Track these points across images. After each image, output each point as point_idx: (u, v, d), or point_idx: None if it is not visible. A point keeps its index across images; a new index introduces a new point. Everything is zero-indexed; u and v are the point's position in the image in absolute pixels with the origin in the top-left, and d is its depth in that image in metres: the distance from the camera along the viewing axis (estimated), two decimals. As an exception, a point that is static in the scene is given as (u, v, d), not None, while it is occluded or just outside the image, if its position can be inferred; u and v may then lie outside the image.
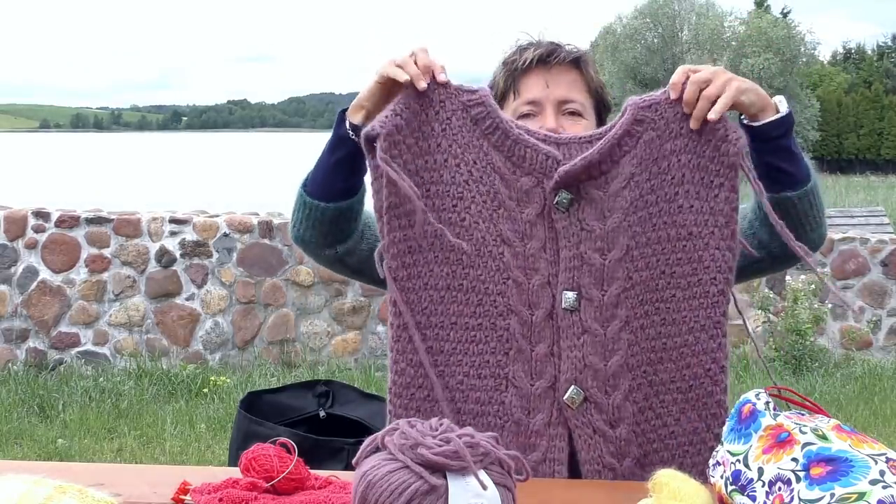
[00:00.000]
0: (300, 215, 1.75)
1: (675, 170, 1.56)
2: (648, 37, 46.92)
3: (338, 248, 1.76)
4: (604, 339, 1.57)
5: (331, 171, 1.71)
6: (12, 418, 5.44)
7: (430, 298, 1.59)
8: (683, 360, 1.58)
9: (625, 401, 1.58)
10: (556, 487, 1.52)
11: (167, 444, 5.07)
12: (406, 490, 1.11)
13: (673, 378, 1.58)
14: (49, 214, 6.67)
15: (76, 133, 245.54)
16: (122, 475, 1.64)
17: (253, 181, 37.35)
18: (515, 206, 1.58)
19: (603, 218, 1.57)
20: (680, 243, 1.57)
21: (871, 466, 1.14)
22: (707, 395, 1.57)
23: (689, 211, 1.56)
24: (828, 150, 52.46)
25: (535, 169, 1.57)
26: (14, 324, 6.62)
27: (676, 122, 1.56)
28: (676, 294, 1.57)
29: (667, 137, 1.57)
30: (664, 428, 1.59)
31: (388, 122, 1.55)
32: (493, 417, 1.59)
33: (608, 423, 1.58)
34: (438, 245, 1.58)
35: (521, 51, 1.81)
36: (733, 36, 45.88)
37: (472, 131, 1.59)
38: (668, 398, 1.59)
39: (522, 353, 1.58)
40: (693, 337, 1.57)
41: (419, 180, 1.57)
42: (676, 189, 1.56)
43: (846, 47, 72.46)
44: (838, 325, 7.53)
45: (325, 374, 6.44)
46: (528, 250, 1.57)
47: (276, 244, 6.75)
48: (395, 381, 1.60)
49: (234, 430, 2.18)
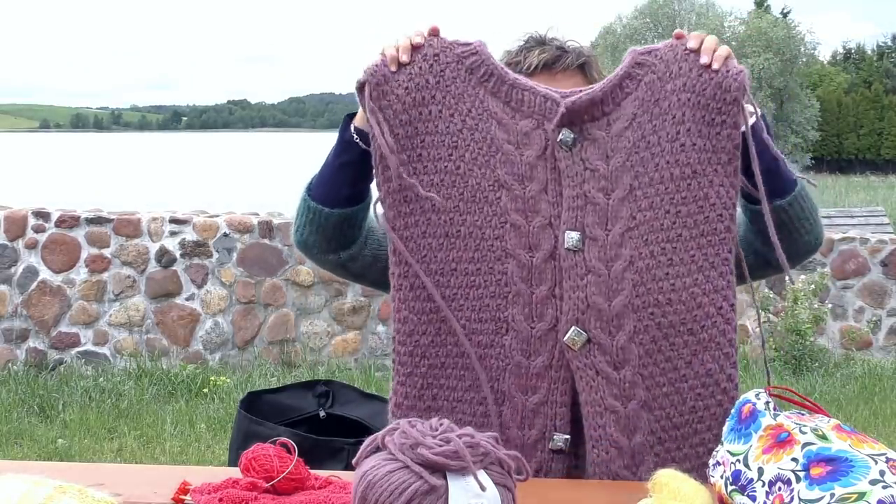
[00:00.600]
0: (303, 220, 1.74)
1: (676, 109, 1.56)
2: (648, 37, 46.90)
3: (341, 253, 1.76)
4: (608, 279, 1.56)
5: (336, 177, 1.71)
6: (12, 418, 5.44)
7: (428, 246, 1.61)
8: (694, 300, 1.56)
9: (629, 342, 1.56)
10: (556, 487, 1.52)
11: (167, 444, 5.07)
12: (406, 490, 1.11)
13: (683, 320, 1.56)
14: (49, 214, 6.67)
15: (76, 133, 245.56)
16: (122, 475, 1.65)
17: (253, 181, 37.37)
18: (514, 150, 1.59)
19: (606, 158, 1.58)
20: (684, 182, 1.56)
21: (871, 466, 1.14)
22: (720, 335, 1.56)
23: (692, 149, 1.56)
24: (828, 150, 52.47)
25: (535, 111, 1.59)
26: (14, 324, 6.62)
27: (676, 63, 1.57)
28: (683, 233, 1.56)
29: (667, 79, 1.58)
30: (674, 371, 1.57)
31: (377, 71, 1.59)
32: (495, 360, 1.60)
33: (611, 365, 1.57)
34: (434, 194, 1.60)
35: (526, 52, 1.81)
36: (733, 36, 45.88)
37: (466, 81, 1.61)
38: (678, 340, 1.56)
39: (521, 296, 1.59)
40: (703, 276, 1.56)
41: (412, 130, 1.60)
42: (678, 128, 1.56)
43: (846, 47, 72.48)
44: (838, 325, 7.53)
45: (325, 374, 6.44)
46: (527, 192, 1.59)
47: (276, 244, 6.75)
48: (398, 330, 1.62)
49: (234, 430, 2.18)
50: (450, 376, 1.62)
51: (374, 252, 1.77)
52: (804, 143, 46.12)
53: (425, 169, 1.60)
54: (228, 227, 6.74)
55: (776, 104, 44.41)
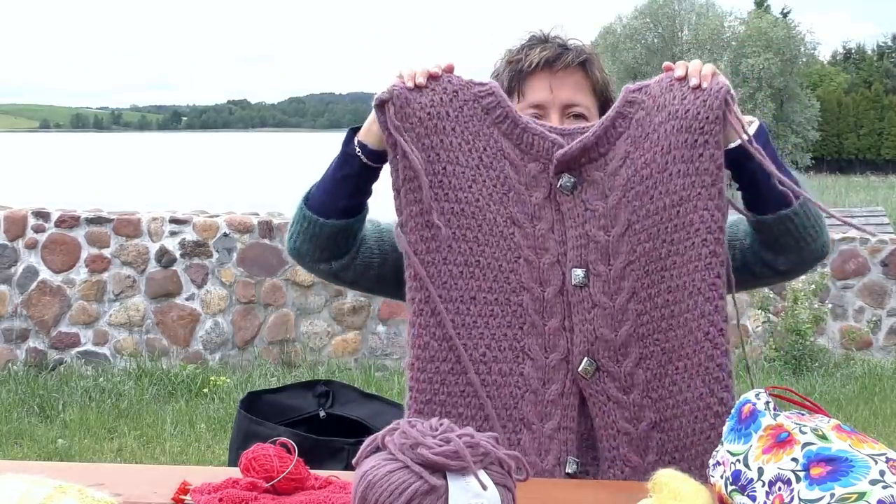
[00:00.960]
0: (298, 228, 1.75)
1: (664, 139, 1.60)
2: (648, 37, 46.96)
3: (333, 263, 1.77)
4: (613, 311, 1.62)
5: (334, 189, 1.72)
6: (12, 418, 5.44)
7: (449, 273, 1.64)
8: (687, 325, 1.60)
9: (636, 368, 1.62)
10: (556, 487, 1.53)
11: (167, 444, 5.07)
12: (406, 490, 1.11)
13: (682, 344, 1.61)
14: (49, 214, 6.67)
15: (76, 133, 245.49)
16: (122, 475, 1.65)
17: (253, 181, 37.36)
18: (525, 190, 1.65)
19: (604, 197, 1.63)
20: (674, 209, 1.60)
21: (871, 466, 1.14)
22: (708, 360, 1.59)
23: (678, 175, 1.59)
24: (828, 150, 52.45)
25: (542, 155, 1.65)
26: (14, 324, 6.62)
27: (662, 95, 1.61)
28: (676, 260, 1.61)
29: (655, 112, 1.62)
30: (679, 394, 1.62)
31: (401, 91, 1.61)
32: (514, 388, 1.64)
33: (621, 390, 1.62)
34: (455, 222, 1.63)
35: (527, 50, 1.81)
36: (733, 36, 45.90)
37: (482, 120, 1.66)
38: (680, 364, 1.61)
39: (536, 328, 1.64)
40: (692, 301, 1.60)
41: (435, 157, 1.63)
42: (666, 157, 1.60)
43: (846, 47, 72.46)
44: (838, 325, 7.53)
45: (325, 374, 6.44)
46: (537, 231, 1.64)
47: (276, 244, 6.75)
48: (417, 356, 1.64)
49: (234, 430, 2.18)
50: (469, 405, 1.65)
51: (365, 260, 1.78)
52: (804, 143, 46.10)
53: (446, 196, 1.64)
54: (228, 227, 6.74)
55: (776, 104, 44.39)
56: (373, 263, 1.78)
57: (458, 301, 1.64)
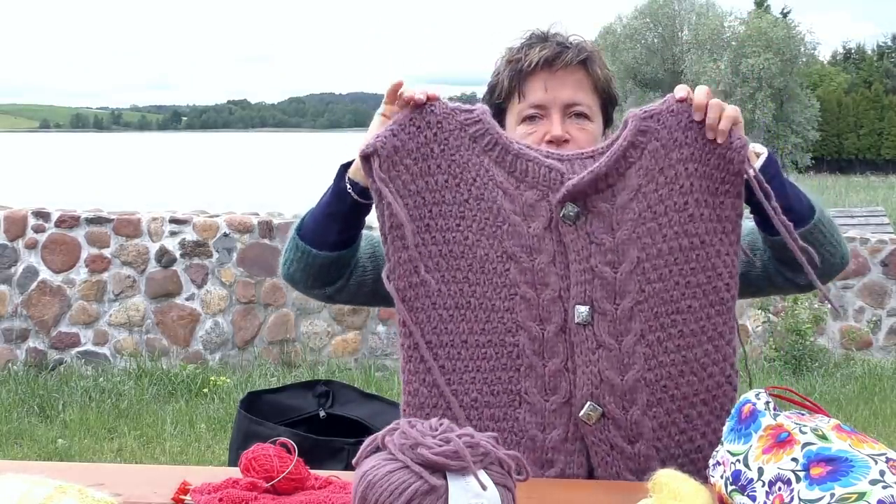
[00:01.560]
0: (292, 256, 1.75)
1: (684, 179, 1.56)
2: (648, 37, 46.96)
3: (327, 289, 1.78)
4: (619, 354, 1.55)
5: (326, 223, 1.71)
6: (12, 418, 5.44)
7: (438, 317, 1.58)
8: (705, 370, 1.56)
9: (643, 416, 1.56)
10: (556, 487, 1.52)
11: (167, 444, 5.07)
12: (406, 490, 1.11)
13: (696, 391, 1.56)
14: (49, 214, 6.67)
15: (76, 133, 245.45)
16: (122, 475, 1.64)
17: (253, 181, 37.36)
18: (521, 221, 1.57)
19: (612, 231, 1.56)
20: (693, 252, 1.56)
21: (871, 466, 1.14)
22: (731, 402, 1.55)
23: (700, 219, 1.56)
24: (828, 150, 52.44)
25: (539, 182, 1.57)
26: (14, 324, 6.62)
27: (681, 132, 1.56)
28: (693, 304, 1.56)
29: (672, 147, 1.56)
30: (689, 443, 1.57)
31: (387, 142, 1.56)
32: (509, 434, 1.58)
33: (626, 440, 1.56)
34: (444, 264, 1.58)
35: (527, 49, 1.78)
36: (733, 36, 45.88)
37: (470, 149, 1.59)
38: (692, 412, 1.56)
39: (534, 370, 1.57)
40: (712, 345, 1.56)
41: (421, 201, 1.57)
42: (686, 198, 1.56)
43: (846, 47, 72.45)
44: (838, 325, 7.53)
45: (325, 374, 6.44)
46: (536, 265, 1.56)
47: (276, 244, 6.75)
48: (408, 403, 1.60)
49: (234, 430, 2.18)
50: None
51: (359, 280, 1.77)
52: (804, 143, 46.09)
53: (433, 240, 1.58)
54: (228, 227, 6.74)
55: (776, 104, 44.39)
56: (366, 281, 1.77)
57: (449, 345, 1.58)
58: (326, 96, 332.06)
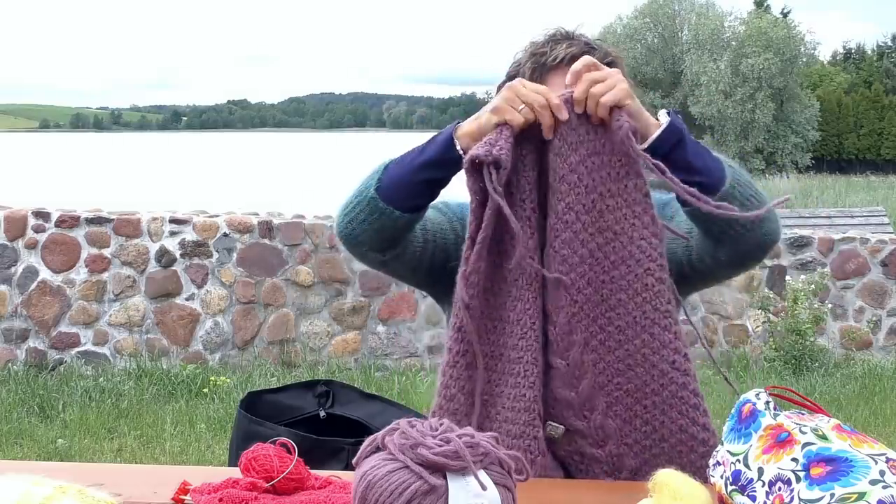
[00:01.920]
0: (362, 216, 1.67)
1: (586, 178, 1.55)
2: (648, 37, 46.93)
3: (387, 253, 1.73)
4: (568, 370, 1.57)
5: (420, 186, 1.66)
6: (12, 418, 5.44)
7: (484, 328, 1.60)
8: (647, 360, 1.55)
9: (605, 419, 1.57)
10: (556, 487, 1.52)
11: (167, 444, 5.07)
12: (406, 490, 1.11)
13: (645, 381, 1.56)
14: (49, 214, 6.66)
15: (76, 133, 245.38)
16: (122, 475, 1.65)
17: (253, 181, 37.35)
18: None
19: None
20: (609, 246, 1.55)
21: (871, 466, 1.14)
22: (681, 389, 1.54)
23: (609, 211, 1.55)
24: (828, 150, 52.42)
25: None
26: (14, 324, 6.62)
27: (573, 131, 1.56)
28: (622, 297, 1.55)
29: (568, 152, 1.56)
30: (655, 433, 1.57)
31: (508, 155, 1.53)
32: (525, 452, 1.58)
33: (595, 445, 1.58)
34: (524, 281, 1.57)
35: (553, 44, 1.77)
36: (733, 36, 45.88)
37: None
38: (648, 402, 1.56)
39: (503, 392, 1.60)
40: (648, 335, 1.55)
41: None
42: (592, 196, 1.55)
43: (846, 47, 72.40)
44: (838, 325, 7.53)
45: (325, 374, 6.44)
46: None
47: (276, 244, 6.75)
48: (441, 406, 1.60)
49: (234, 430, 2.18)
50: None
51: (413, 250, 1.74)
52: (804, 143, 46.07)
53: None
54: (228, 227, 6.74)
55: (776, 104, 44.39)
56: (415, 253, 1.75)
57: (488, 357, 1.59)
58: (326, 96, 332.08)
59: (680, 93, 44.73)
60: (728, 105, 42.97)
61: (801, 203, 27.36)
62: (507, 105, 1.57)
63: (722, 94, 42.97)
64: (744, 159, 43.35)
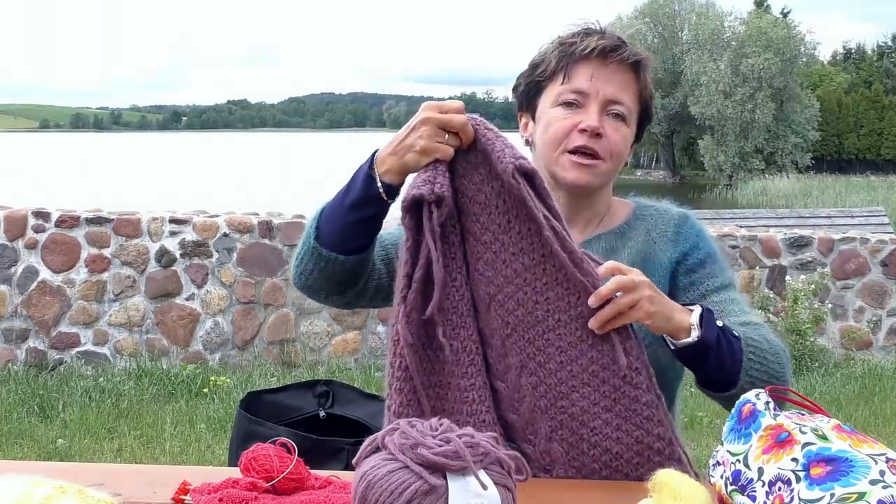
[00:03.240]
0: (311, 266, 1.66)
1: (495, 198, 1.51)
2: (648, 37, 46.95)
3: (347, 293, 1.72)
4: (508, 392, 1.54)
5: (355, 227, 1.62)
6: (12, 418, 5.44)
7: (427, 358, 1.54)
8: (597, 377, 1.50)
9: (549, 443, 1.53)
10: (556, 487, 1.52)
11: (167, 444, 5.07)
12: (406, 490, 1.11)
13: (595, 401, 1.50)
14: (49, 214, 6.66)
15: (76, 133, 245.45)
16: (122, 475, 1.64)
17: (253, 181, 37.35)
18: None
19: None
20: (539, 268, 1.50)
21: (871, 466, 1.14)
22: (633, 402, 1.49)
23: (529, 234, 1.50)
24: (828, 150, 52.43)
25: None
26: (14, 324, 6.62)
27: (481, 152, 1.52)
28: (562, 318, 1.50)
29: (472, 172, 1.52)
30: (607, 453, 1.52)
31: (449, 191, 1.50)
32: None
33: (542, 469, 1.54)
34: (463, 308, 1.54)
35: (584, 35, 1.74)
36: (733, 36, 45.92)
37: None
38: (597, 423, 1.50)
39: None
40: (596, 351, 1.49)
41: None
42: (506, 216, 1.50)
43: (846, 47, 72.41)
44: (838, 325, 7.53)
45: (325, 374, 6.44)
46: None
47: (276, 244, 6.75)
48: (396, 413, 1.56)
49: (234, 430, 2.18)
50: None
51: (375, 283, 1.73)
52: (804, 143, 46.10)
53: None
54: (228, 227, 6.74)
55: (776, 104, 44.40)
56: (382, 285, 1.74)
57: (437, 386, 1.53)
58: (326, 96, 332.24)
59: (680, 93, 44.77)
60: (728, 105, 43.01)
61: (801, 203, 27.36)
62: (433, 143, 1.51)
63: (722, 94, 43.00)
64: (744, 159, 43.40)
